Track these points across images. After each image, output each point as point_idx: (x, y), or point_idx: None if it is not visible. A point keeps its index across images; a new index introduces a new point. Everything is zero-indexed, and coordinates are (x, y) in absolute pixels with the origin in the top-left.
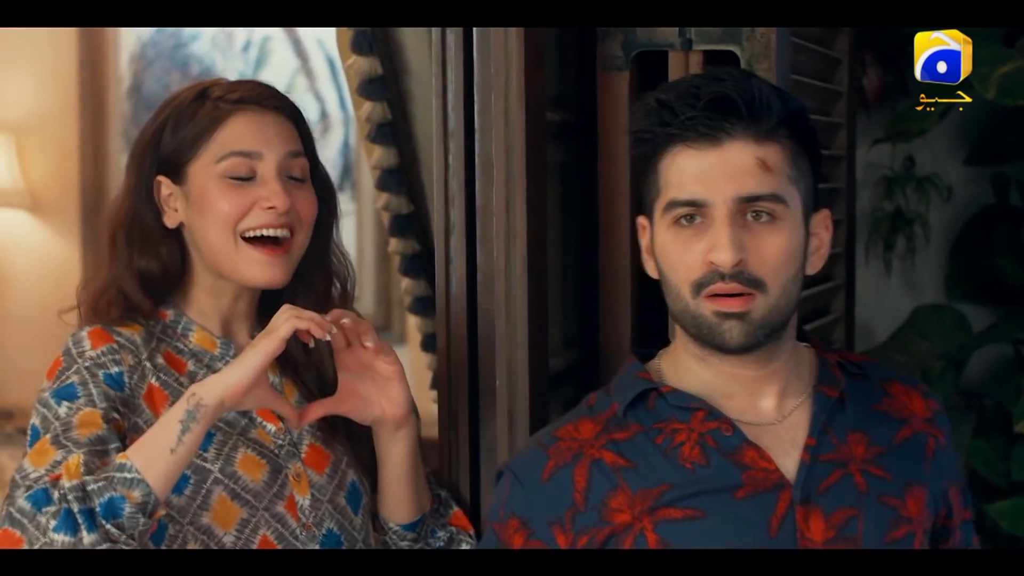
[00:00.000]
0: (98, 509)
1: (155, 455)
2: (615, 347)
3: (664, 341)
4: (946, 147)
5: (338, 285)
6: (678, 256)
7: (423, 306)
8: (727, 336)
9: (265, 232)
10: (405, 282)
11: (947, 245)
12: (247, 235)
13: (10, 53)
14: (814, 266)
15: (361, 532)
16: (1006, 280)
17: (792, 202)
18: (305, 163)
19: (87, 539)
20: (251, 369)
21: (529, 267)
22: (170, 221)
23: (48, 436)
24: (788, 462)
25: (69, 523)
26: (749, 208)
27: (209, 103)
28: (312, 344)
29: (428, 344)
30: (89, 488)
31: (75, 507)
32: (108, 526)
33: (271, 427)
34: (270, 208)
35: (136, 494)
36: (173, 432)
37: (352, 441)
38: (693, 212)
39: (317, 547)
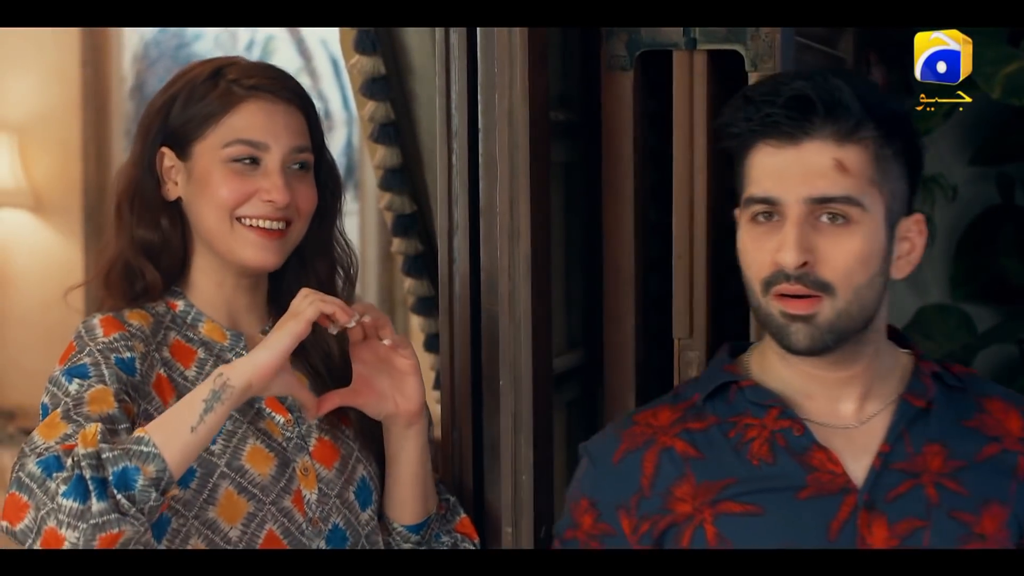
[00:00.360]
0: (110, 478)
1: (174, 432)
2: (619, 347)
3: (668, 341)
4: (951, 147)
5: (341, 272)
6: (752, 253)
7: (426, 306)
8: (793, 338)
9: (261, 223)
10: (408, 282)
11: (952, 245)
12: (244, 221)
13: (13, 53)
14: (901, 270)
15: (366, 528)
16: (1011, 280)
17: (872, 206)
18: (310, 157)
19: (96, 507)
20: (279, 351)
21: (532, 267)
22: (169, 194)
23: (59, 410)
24: (858, 467)
25: (79, 489)
26: (822, 209)
27: (223, 84)
28: (334, 331)
29: (431, 344)
30: (104, 456)
31: (87, 474)
32: (119, 496)
33: (280, 418)
34: (269, 201)
35: (151, 468)
36: (196, 411)
37: (364, 436)
38: (769, 210)
39: (323, 542)
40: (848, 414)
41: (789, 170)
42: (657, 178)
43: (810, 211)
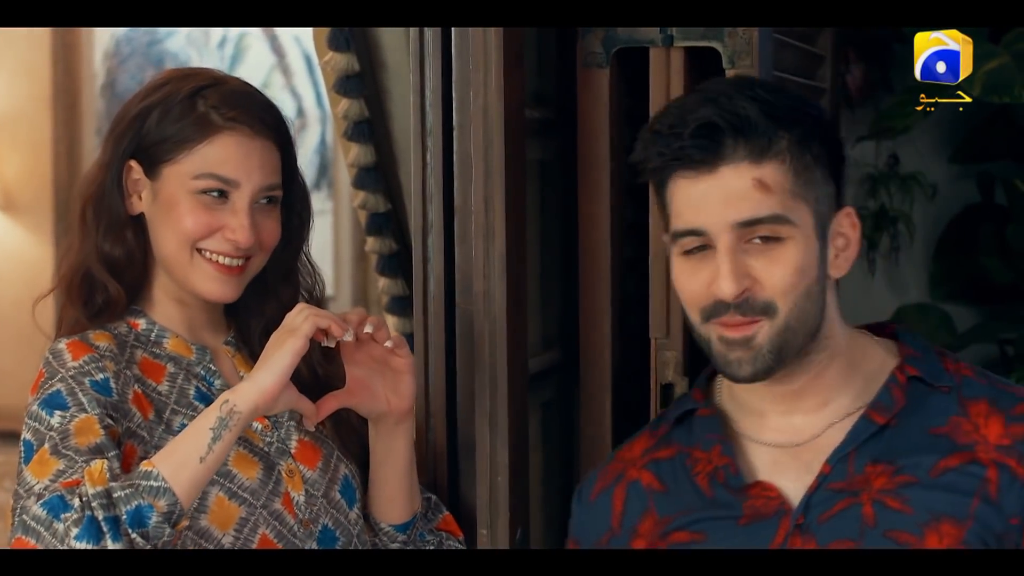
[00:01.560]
0: (124, 517)
1: (183, 463)
2: (595, 347)
3: (644, 341)
4: (931, 145)
5: (305, 294)
6: (685, 284)
7: (400, 306)
8: (735, 367)
9: (221, 259)
10: (382, 281)
11: (932, 244)
12: (204, 253)
13: None
14: (839, 268)
15: (356, 527)
16: (991, 279)
17: (800, 218)
18: (279, 192)
19: (111, 547)
20: (281, 371)
21: (508, 266)
22: (133, 207)
23: (47, 446)
24: (799, 487)
25: (93, 531)
26: (752, 232)
27: (201, 107)
28: (331, 344)
29: None
30: (115, 495)
31: (100, 514)
32: (133, 535)
33: (258, 425)
34: (232, 240)
35: (162, 503)
36: (203, 440)
37: (341, 437)
38: (699, 241)
39: (314, 544)
40: (801, 428)
41: (709, 198)
42: (633, 176)
43: (740, 236)
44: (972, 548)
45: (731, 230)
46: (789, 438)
